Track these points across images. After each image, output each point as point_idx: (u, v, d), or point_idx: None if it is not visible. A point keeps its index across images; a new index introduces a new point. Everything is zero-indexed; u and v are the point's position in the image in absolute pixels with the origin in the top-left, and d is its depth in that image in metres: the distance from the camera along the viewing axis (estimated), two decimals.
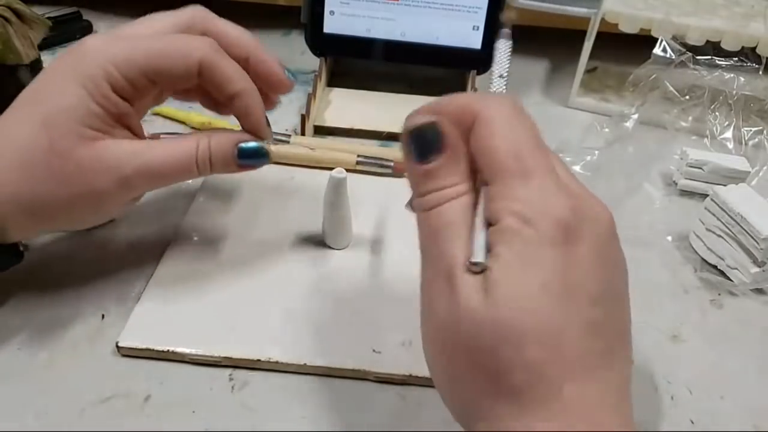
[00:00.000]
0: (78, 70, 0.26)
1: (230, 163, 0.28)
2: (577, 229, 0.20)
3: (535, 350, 0.19)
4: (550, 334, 0.19)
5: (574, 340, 0.19)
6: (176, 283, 0.31)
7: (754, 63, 0.45)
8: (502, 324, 0.19)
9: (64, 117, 0.26)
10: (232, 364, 0.28)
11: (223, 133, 0.29)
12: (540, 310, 0.19)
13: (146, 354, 0.28)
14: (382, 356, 0.28)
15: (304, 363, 0.28)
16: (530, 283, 0.19)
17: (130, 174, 0.27)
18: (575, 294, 0.19)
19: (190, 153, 0.27)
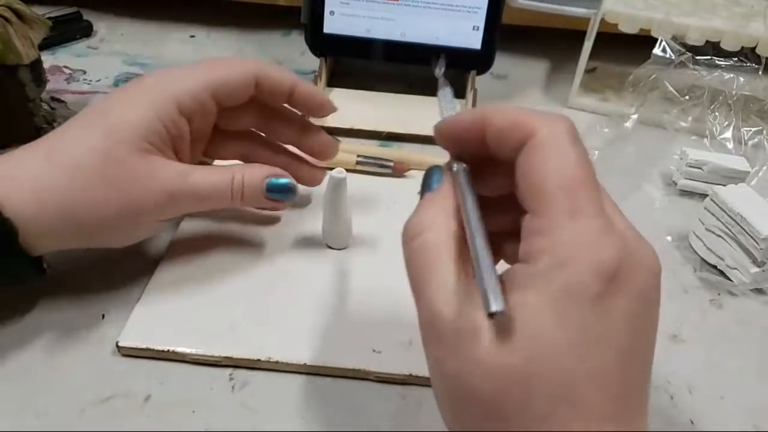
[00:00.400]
0: (148, 91, 0.28)
1: (259, 197, 0.30)
2: (619, 278, 0.18)
3: (546, 403, 0.17)
4: (567, 390, 0.17)
5: (598, 400, 0.17)
6: (176, 283, 0.31)
7: (753, 63, 0.45)
8: (515, 372, 0.17)
9: (124, 128, 0.27)
10: (232, 364, 0.28)
11: (256, 167, 0.31)
12: (555, 366, 0.17)
13: (146, 354, 0.28)
14: (382, 356, 0.28)
15: (304, 363, 0.28)
16: (554, 336, 0.17)
17: (176, 191, 0.28)
18: (601, 353, 0.17)
19: (227, 181, 0.29)
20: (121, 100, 0.28)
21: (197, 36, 0.59)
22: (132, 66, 0.53)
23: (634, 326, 0.18)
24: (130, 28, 0.59)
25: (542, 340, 0.17)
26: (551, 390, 0.17)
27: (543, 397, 0.17)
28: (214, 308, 0.30)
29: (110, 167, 0.27)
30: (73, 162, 0.26)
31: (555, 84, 0.55)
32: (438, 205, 0.21)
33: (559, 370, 0.17)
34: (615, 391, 0.18)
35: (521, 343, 0.17)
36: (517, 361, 0.17)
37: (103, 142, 0.27)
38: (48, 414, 0.26)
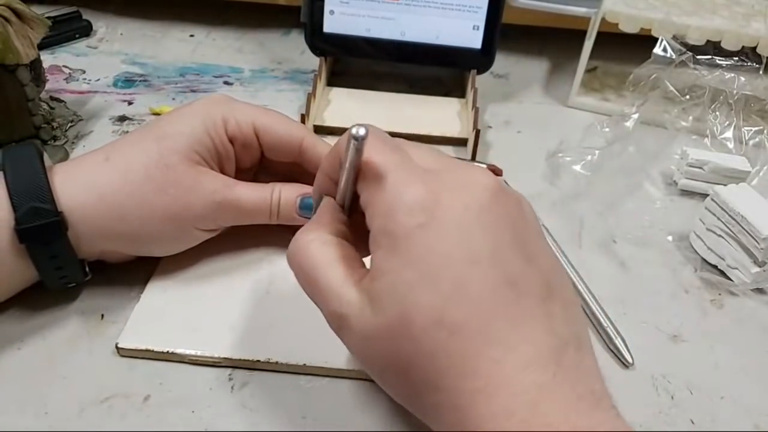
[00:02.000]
0: (201, 109, 0.30)
1: (293, 213, 0.31)
2: (437, 206, 0.20)
3: (429, 338, 0.19)
4: (438, 318, 0.19)
5: (467, 313, 0.19)
6: (175, 284, 0.31)
7: (754, 63, 0.45)
8: (392, 328, 0.20)
9: (175, 136, 0.29)
10: (231, 365, 0.28)
11: (291, 185, 0.32)
12: (420, 299, 0.19)
13: (146, 355, 0.28)
14: None
15: (304, 363, 0.28)
16: (404, 278, 0.19)
17: (221, 201, 0.30)
18: (454, 268, 0.19)
19: (267, 198, 0.31)
20: (177, 114, 0.30)
21: (197, 35, 0.59)
22: (131, 65, 0.53)
23: (475, 234, 0.20)
24: (130, 28, 0.59)
25: (398, 287, 0.19)
26: (425, 326, 0.19)
27: (423, 336, 0.19)
28: (214, 309, 0.30)
29: (160, 171, 0.28)
30: (126, 163, 0.28)
31: (555, 83, 0.55)
32: (311, 224, 0.24)
33: (424, 305, 0.19)
34: (484, 298, 0.19)
35: (387, 300, 0.20)
36: (389, 314, 0.20)
37: (156, 147, 0.29)
38: (48, 414, 0.26)
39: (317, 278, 0.22)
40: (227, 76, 0.52)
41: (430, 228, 0.20)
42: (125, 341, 0.28)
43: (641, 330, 0.32)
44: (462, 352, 0.19)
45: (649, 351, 0.31)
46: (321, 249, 0.22)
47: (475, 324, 0.19)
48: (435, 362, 0.19)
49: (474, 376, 0.19)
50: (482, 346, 0.19)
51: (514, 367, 0.19)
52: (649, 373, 0.30)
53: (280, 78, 0.53)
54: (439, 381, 0.19)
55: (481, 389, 0.19)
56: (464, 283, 0.19)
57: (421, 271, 0.19)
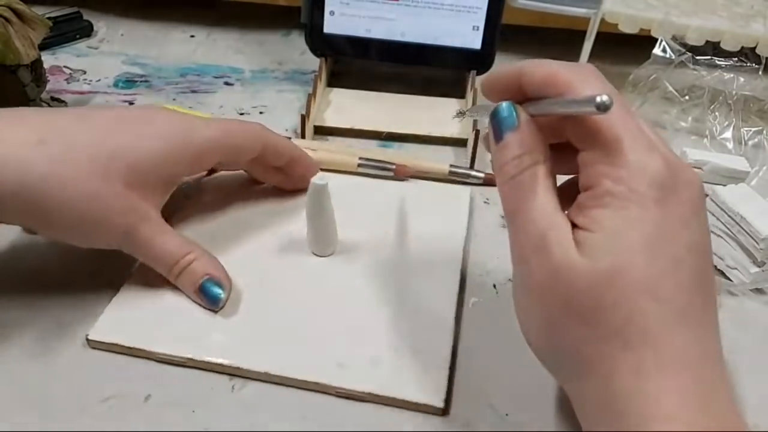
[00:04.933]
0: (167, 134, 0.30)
1: (189, 289, 0.30)
2: (672, 190, 0.21)
3: (636, 298, 0.20)
4: (650, 286, 0.20)
5: (676, 290, 0.20)
6: (154, 282, 0.31)
7: (753, 63, 0.45)
8: (599, 274, 0.20)
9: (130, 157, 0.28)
10: (195, 366, 0.28)
11: (209, 262, 0.30)
12: (637, 263, 0.20)
13: (114, 349, 0.28)
14: (347, 371, 0.27)
15: (266, 372, 0.27)
16: (628, 238, 0.20)
17: (134, 234, 0.29)
18: (674, 248, 0.20)
19: (177, 255, 0.30)
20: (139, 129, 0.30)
21: (197, 36, 0.59)
22: (132, 66, 0.53)
23: (691, 226, 0.21)
24: (130, 28, 0.59)
25: (620, 245, 0.20)
26: (639, 286, 0.20)
27: (629, 294, 0.20)
28: (188, 310, 0.30)
29: (98, 181, 0.27)
30: (64, 156, 0.27)
31: None
32: (530, 139, 0.22)
33: (639, 267, 0.20)
34: (690, 281, 0.20)
35: (604, 249, 0.20)
36: (603, 265, 0.20)
37: (105, 157, 0.28)
38: (48, 414, 0.26)
39: (535, 198, 0.22)
40: (227, 77, 0.52)
41: (665, 206, 0.20)
42: (95, 334, 0.28)
43: None
44: (663, 321, 0.20)
45: None
46: (545, 174, 0.22)
47: (680, 302, 0.20)
48: (635, 320, 0.20)
49: (666, 349, 0.20)
50: (682, 324, 0.20)
51: (700, 355, 0.20)
52: None
53: (281, 78, 0.53)
54: (631, 338, 0.20)
55: (670, 364, 0.20)
56: (679, 266, 0.20)
57: (646, 241, 0.20)
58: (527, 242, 0.22)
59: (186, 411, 0.26)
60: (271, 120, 0.47)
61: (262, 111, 0.48)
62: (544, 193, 0.22)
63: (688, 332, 0.20)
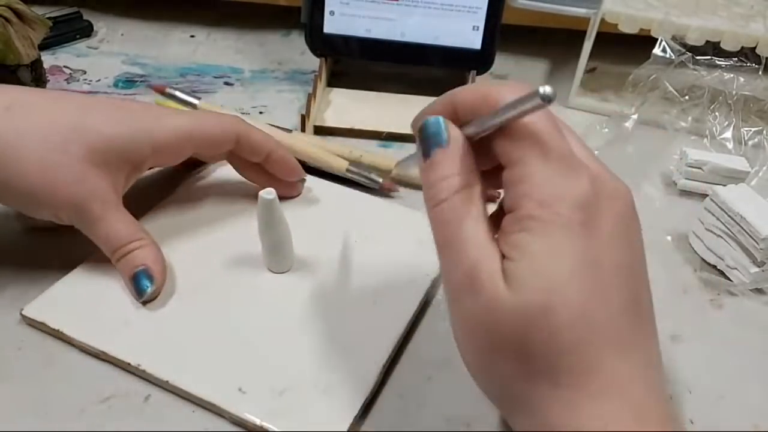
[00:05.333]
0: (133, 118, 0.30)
1: (127, 274, 0.30)
2: (596, 208, 0.20)
3: (567, 332, 0.19)
4: (582, 316, 0.19)
5: (606, 318, 0.19)
6: (104, 273, 0.31)
7: (753, 63, 0.45)
8: (528, 313, 0.19)
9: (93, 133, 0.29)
10: (108, 360, 0.28)
11: (154, 252, 0.30)
12: (565, 295, 0.19)
13: (42, 328, 0.29)
14: (245, 397, 0.26)
15: (167, 381, 0.26)
16: (554, 268, 0.19)
17: (85, 209, 0.29)
18: (602, 273, 0.20)
19: (121, 240, 0.30)
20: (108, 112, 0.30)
21: (197, 36, 0.59)
22: (132, 66, 0.53)
23: (621, 245, 0.20)
24: (130, 29, 0.59)
25: (546, 277, 0.19)
26: (569, 319, 0.19)
27: (558, 332, 0.19)
28: (122, 304, 0.29)
29: (57, 153, 0.28)
30: (27, 127, 0.28)
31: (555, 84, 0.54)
32: (459, 163, 0.21)
33: (568, 297, 0.19)
34: (619, 306, 0.20)
35: (530, 284, 0.19)
36: (531, 303, 0.19)
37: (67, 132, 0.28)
38: (48, 414, 0.26)
39: (462, 231, 0.20)
40: (227, 77, 0.52)
41: (590, 228, 0.20)
42: (29, 310, 0.29)
43: None
44: (594, 356, 0.19)
45: None
46: (473, 201, 0.21)
47: (611, 332, 0.19)
48: (562, 358, 0.19)
49: (594, 382, 0.19)
50: (612, 354, 0.19)
51: (631, 377, 0.20)
52: None
53: (281, 79, 0.53)
54: (559, 377, 0.19)
55: (597, 395, 0.19)
56: (609, 290, 0.20)
57: (573, 266, 0.19)
58: (457, 277, 0.21)
59: (186, 411, 0.26)
60: (271, 120, 0.47)
61: (262, 111, 0.48)
62: (476, 220, 0.21)
63: (618, 358, 0.19)
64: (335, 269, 0.33)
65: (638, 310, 0.20)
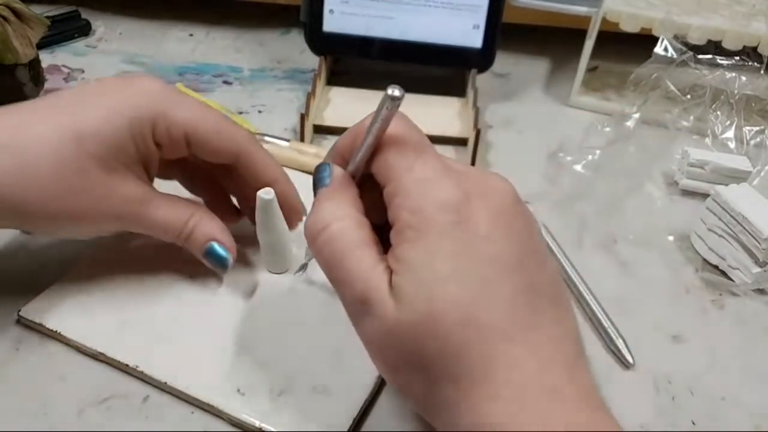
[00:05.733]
0: (130, 105, 0.27)
1: (197, 252, 0.29)
2: (467, 206, 0.20)
3: (457, 335, 0.19)
4: (466, 316, 0.19)
5: (493, 312, 0.20)
6: (102, 276, 0.30)
7: (755, 62, 0.45)
8: (417, 324, 0.20)
9: (98, 140, 0.26)
10: (106, 361, 0.28)
11: (211, 222, 0.30)
12: (447, 298, 0.19)
13: (38, 329, 0.29)
14: (243, 399, 0.26)
15: (165, 382, 0.26)
16: (432, 274, 0.20)
17: (127, 215, 0.28)
18: (482, 269, 0.20)
19: (179, 223, 0.29)
20: (100, 104, 0.27)
21: (196, 35, 0.58)
22: (130, 65, 0.53)
23: (502, 238, 0.20)
24: (129, 27, 0.58)
25: (426, 282, 0.20)
26: (455, 321, 0.19)
27: (451, 334, 0.19)
28: (119, 306, 0.29)
29: (72, 176, 0.26)
30: (33, 160, 0.25)
31: (556, 83, 0.55)
32: (336, 197, 0.23)
33: (450, 300, 0.19)
34: (506, 297, 0.20)
35: (412, 294, 0.20)
36: (417, 314, 0.19)
37: (71, 149, 0.26)
38: (47, 414, 0.26)
39: (345, 259, 0.21)
40: (226, 76, 0.52)
41: (462, 228, 0.20)
42: (26, 311, 0.29)
43: (642, 330, 0.32)
44: (487, 351, 0.19)
45: (650, 351, 0.31)
46: (352, 228, 0.22)
47: (500, 324, 0.20)
48: (459, 361, 0.19)
49: (496, 376, 0.19)
50: (507, 346, 0.19)
51: (534, 369, 0.19)
52: (650, 373, 0.30)
53: (280, 77, 0.53)
54: (460, 379, 0.19)
55: (501, 388, 0.19)
56: (492, 284, 0.20)
57: (451, 268, 0.20)
58: (352, 304, 0.22)
59: (185, 411, 0.26)
60: (270, 119, 0.47)
61: (261, 110, 0.48)
62: (359, 245, 0.21)
63: (516, 348, 0.19)
64: None
65: (533, 296, 0.20)
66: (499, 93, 0.53)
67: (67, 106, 0.27)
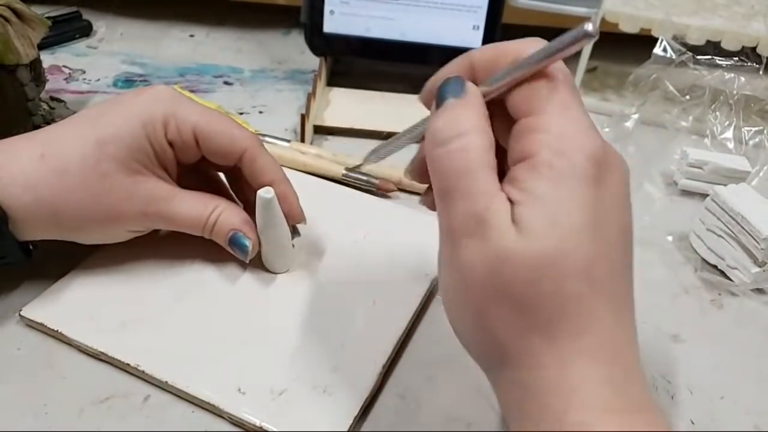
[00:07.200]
0: (143, 109, 0.29)
1: (222, 241, 0.31)
2: (607, 168, 0.20)
3: (573, 284, 0.19)
4: (587, 269, 0.19)
5: (607, 276, 0.20)
6: (102, 275, 0.31)
7: (754, 63, 0.45)
8: (539, 260, 0.19)
9: (117, 144, 0.28)
10: (107, 360, 0.28)
11: (234, 212, 0.31)
12: (576, 245, 0.19)
13: (40, 329, 0.29)
14: (244, 398, 0.26)
15: (166, 381, 0.26)
16: (567, 217, 0.19)
17: (151, 213, 0.30)
18: (608, 231, 0.20)
19: (203, 216, 0.30)
20: (117, 111, 0.29)
21: (196, 35, 0.59)
22: (131, 66, 0.53)
23: (623, 208, 0.21)
24: (130, 28, 0.59)
25: (560, 223, 0.19)
26: (577, 270, 0.19)
27: (566, 281, 0.19)
28: (120, 305, 0.29)
29: (96, 180, 0.28)
30: (64, 166, 0.28)
31: None
32: (472, 109, 0.21)
33: (578, 252, 0.19)
34: (619, 267, 0.20)
35: (543, 231, 0.19)
36: (543, 250, 0.19)
37: (95, 154, 0.28)
38: (48, 414, 0.26)
39: (474, 173, 0.20)
40: (227, 76, 0.52)
41: (601, 186, 0.20)
42: (27, 311, 0.29)
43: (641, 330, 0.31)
44: (594, 309, 0.19)
45: (649, 351, 0.31)
46: (487, 146, 0.21)
47: (610, 288, 0.20)
48: (566, 309, 0.19)
49: (590, 336, 0.19)
50: (609, 311, 0.20)
51: (625, 340, 0.20)
52: (649, 373, 0.30)
53: (280, 78, 0.53)
54: (558, 330, 0.19)
55: (590, 350, 0.19)
56: (612, 250, 0.20)
57: (585, 222, 0.19)
58: (463, 222, 0.20)
59: (186, 411, 0.26)
60: (270, 119, 0.47)
61: (261, 110, 0.48)
62: (490, 167, 0.20)
63: (613, 318, 0.20)
64: (335, 269, 0.33)
65: (630, 275, 0.21)
66: None
67: (90, 118, 0.29)
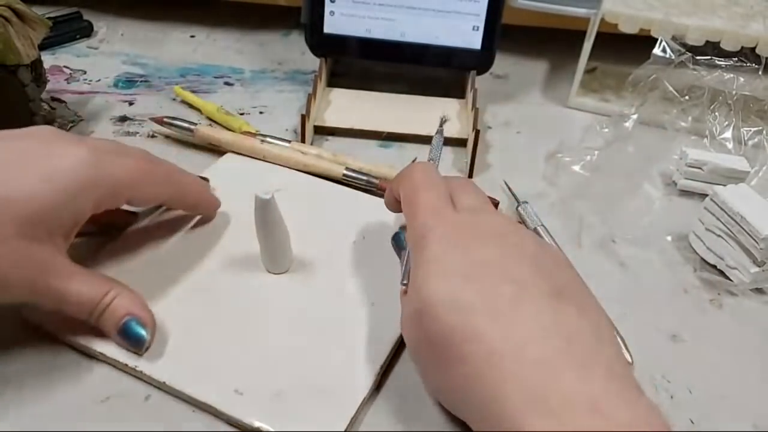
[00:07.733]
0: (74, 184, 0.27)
1: (111, 329, 0.28)
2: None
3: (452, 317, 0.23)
4: (455, 299, 0.23)
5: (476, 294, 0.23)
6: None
7: (753, 63, 0.45)
8: (422, 305, 0.23)
9: (29, 212, 0.25)
10: (105, 361, 0.28)
11: (130, 296, 0.28)
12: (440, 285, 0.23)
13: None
14: (241, 399, 0.26)
15: (164, 382, 0.26)
16: (432, 272, 0.24)
17: (40, 288, 0.26)
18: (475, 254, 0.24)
19: (94, 301, 0.27)
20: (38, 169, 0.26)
21: (197, 36, 0.59)
22: (132, 66, 0.53)
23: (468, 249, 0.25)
24: (130, 29, 0.59)
25: (422, 276, 0.24)
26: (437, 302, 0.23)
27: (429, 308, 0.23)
28: None
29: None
30: None
31: (555, 84, 0.55)
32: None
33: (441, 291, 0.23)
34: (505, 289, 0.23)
35: (413, 285, 0.25)
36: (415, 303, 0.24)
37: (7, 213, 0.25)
38: (48, 414, 0.26)
39: None
40: (228, 77, 0.52)
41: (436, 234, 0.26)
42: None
43: (640, 330, 0.32)
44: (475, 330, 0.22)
45: (649, 351, 0.31)
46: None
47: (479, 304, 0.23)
48: (451, 337, 0.23)
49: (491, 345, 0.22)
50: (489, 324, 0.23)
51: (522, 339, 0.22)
52: (649, 373, 0.30)
53: (281, 79, 0.53)
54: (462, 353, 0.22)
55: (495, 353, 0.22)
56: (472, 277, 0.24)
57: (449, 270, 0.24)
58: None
59: (186, 411, 0.26)
60: (271, 120, 0.47)
61: (262, 111, 0.48)
62: None
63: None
64: (334, 269, 0.33)
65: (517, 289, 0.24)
66: (498, 94, 0.53)
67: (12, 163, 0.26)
